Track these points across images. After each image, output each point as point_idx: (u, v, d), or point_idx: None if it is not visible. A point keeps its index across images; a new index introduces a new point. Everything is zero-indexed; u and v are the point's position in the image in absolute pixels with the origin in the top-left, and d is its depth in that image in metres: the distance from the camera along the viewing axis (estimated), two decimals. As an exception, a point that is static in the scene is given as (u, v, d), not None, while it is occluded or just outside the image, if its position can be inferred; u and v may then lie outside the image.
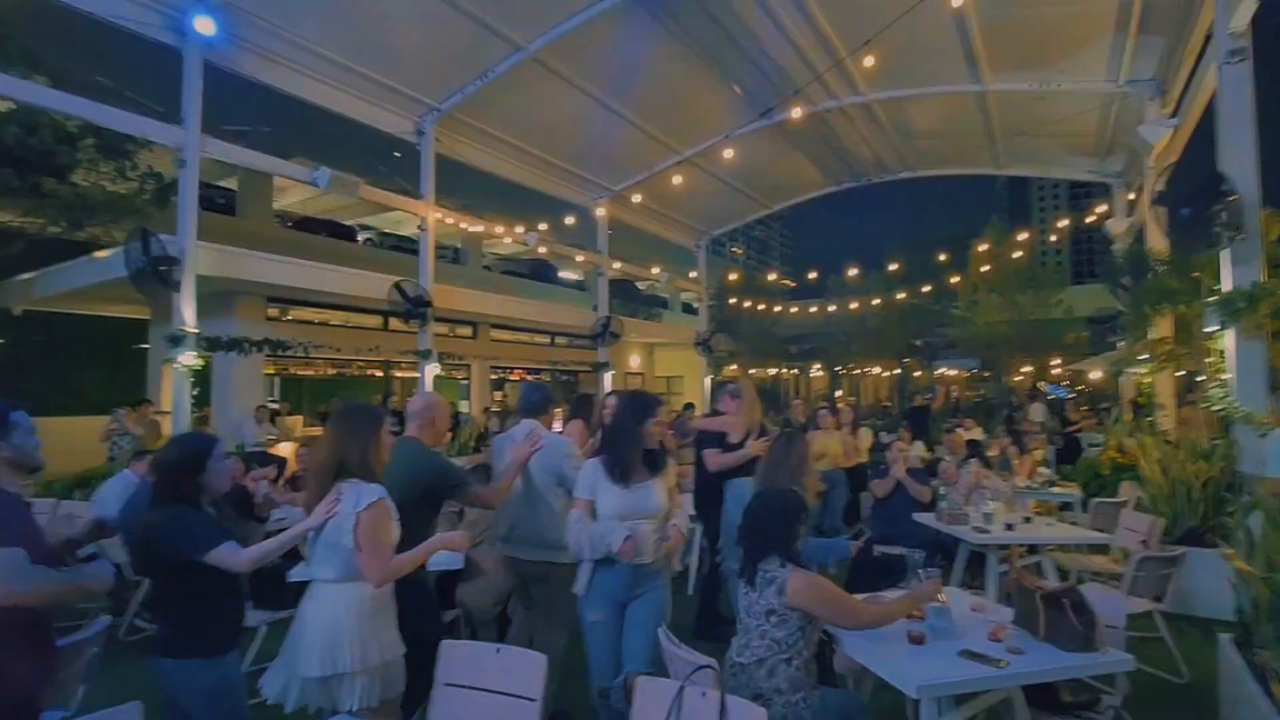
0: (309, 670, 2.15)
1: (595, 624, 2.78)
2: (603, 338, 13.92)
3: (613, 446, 2.89)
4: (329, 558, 2.27)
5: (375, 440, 2.38)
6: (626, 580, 2.76)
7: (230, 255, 8.59)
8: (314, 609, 2.27)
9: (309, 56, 8.29)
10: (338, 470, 2.31)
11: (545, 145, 11.65)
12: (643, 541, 2.71)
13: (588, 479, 2.88)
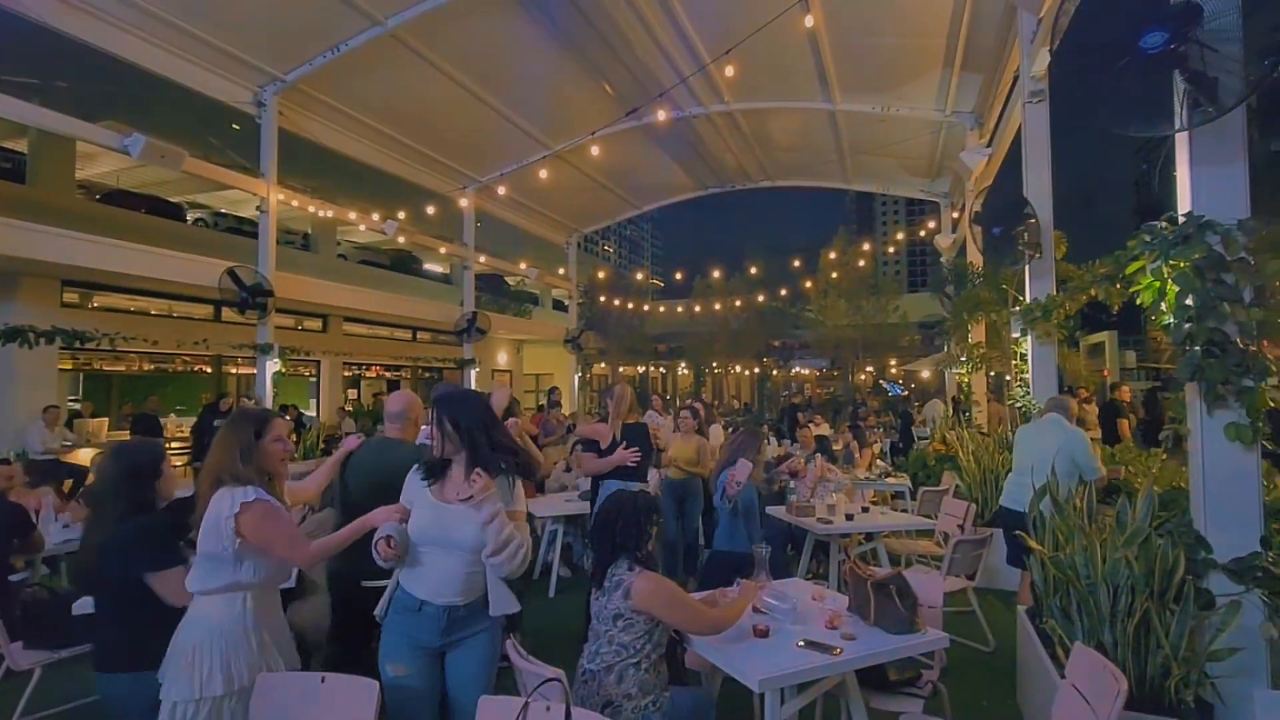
0: (181, 693, 2.02)
1: (398, 682, 2.17)
2: (468, 333, 13.42)
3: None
4: (204, 569, 2.14)
5: (255, 446, 2.24)
6: (435, 623, 2.18)
7: (12, 229, 7.30)
8: (188, 624, 2.13)
9: (123, 7, 7.23)
10: (216, 480, 2.19)
11: (406, 129, 11.02)
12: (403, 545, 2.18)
13: (412, 484, 2.33)
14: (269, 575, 2.22)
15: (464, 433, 2.22)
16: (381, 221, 11.49)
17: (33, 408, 8.56)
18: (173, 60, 8.00)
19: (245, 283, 8.74)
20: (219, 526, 2.09)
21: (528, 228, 15.70)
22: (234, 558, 2.10)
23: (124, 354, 10.53)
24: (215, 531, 2.10)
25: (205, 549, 2.12)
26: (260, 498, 2.14)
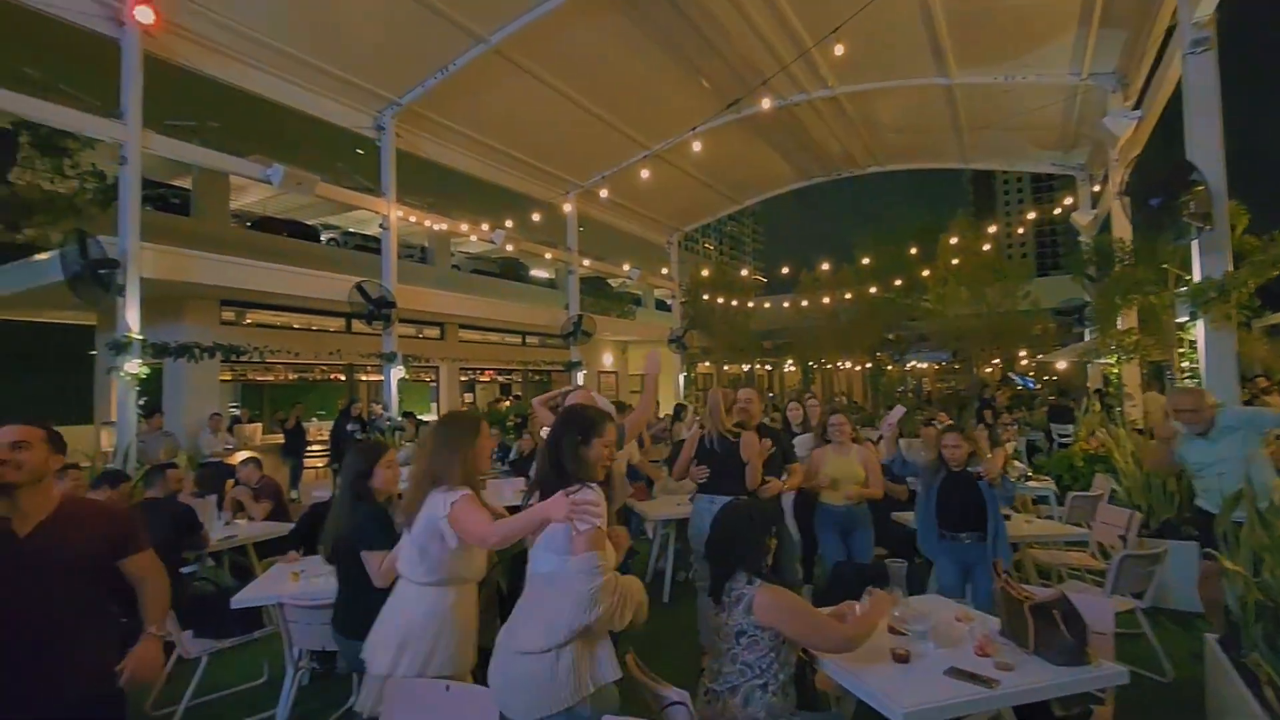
0: (378, 667, 2.21)
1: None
2: (574, 336, 13.69)
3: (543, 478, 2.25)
4: (417, 560, 2.33)
5: (471, 449, 2.37)
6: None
7: (178, 257, 8.19)
8: (394, 606, 2.37)
9: (259, 48, 7.94)
10: (433, 479, 2.34)
11: (510, 140, 11.38)
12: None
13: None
14: (473, 571, 2.44)
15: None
16: (490, 231, 11.94)
17: (200, 415, 9.58)
18: (303, 93, 8.69)
19: (371, 295, 9.35)
20: (436, 525, 2.26)
21: (629, 229, 15.82)
22: (449, 554, 2.30)
23: (272, 365, 11.57)
24: (432, 529, 2.27)
25: (421, 544, 2.30)
26: (466, 494, 2.31)
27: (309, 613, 3.11)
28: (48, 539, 1.91)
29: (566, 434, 2.22)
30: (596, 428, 2.23)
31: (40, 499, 1.94)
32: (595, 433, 2.22)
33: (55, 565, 1.91)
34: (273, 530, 5.26)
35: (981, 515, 3.52)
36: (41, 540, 1.90)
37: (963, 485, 3.57)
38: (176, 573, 4.31)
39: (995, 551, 3.37)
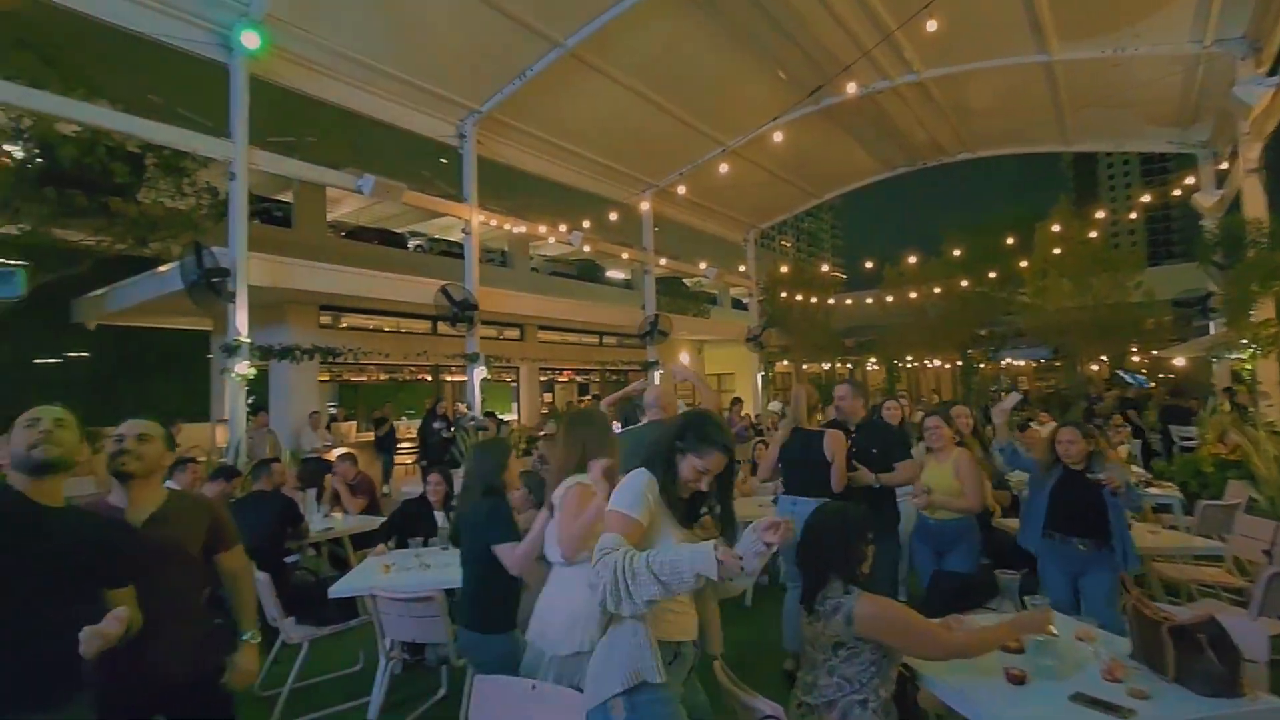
0: (560, 649, 2.27)
1: None
2: (651, 336, 13.69)
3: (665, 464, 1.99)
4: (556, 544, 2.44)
5: (603, 445, 2.48)
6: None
7: (281, 265, 8.72)
8: (558, 591, 2.43)
9: (350, 65, 8.34)
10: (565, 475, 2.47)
11: (586, 142, 11.50)
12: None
13: (640, 491, 1.94)
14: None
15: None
16: (568, 233, 12.10)
17: (301, 414, 10.19)
18: (391, 106, 9.07)
19: (455, 298, 9.66)
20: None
21: (705, 228, 15.69)
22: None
23: (365, 366, 12.18)
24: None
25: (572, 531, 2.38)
26: (580, 482, 2.37)
27: (399, 605, 3.20)
28: (160, 529, 2.03)
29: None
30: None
31: (151, 492, 2.07)
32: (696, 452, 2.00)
33: (165, 555, 2.03)
34: (367, 524, 5.49)
35: (1098, 521, 3.20)
36: (154, 530, 2.02)
37: (1079, 486, 3.26)
38: (280, 562, 4.56)
39: (1124, 564, 3.05)
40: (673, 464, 1.98)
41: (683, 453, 1.96)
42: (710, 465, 1.93)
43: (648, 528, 1.90)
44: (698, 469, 1.93)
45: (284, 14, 7.40)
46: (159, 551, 2.03)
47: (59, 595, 1.73)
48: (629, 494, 1.94)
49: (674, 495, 1.98)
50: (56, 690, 1.71)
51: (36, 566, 1.70)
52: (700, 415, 2.05)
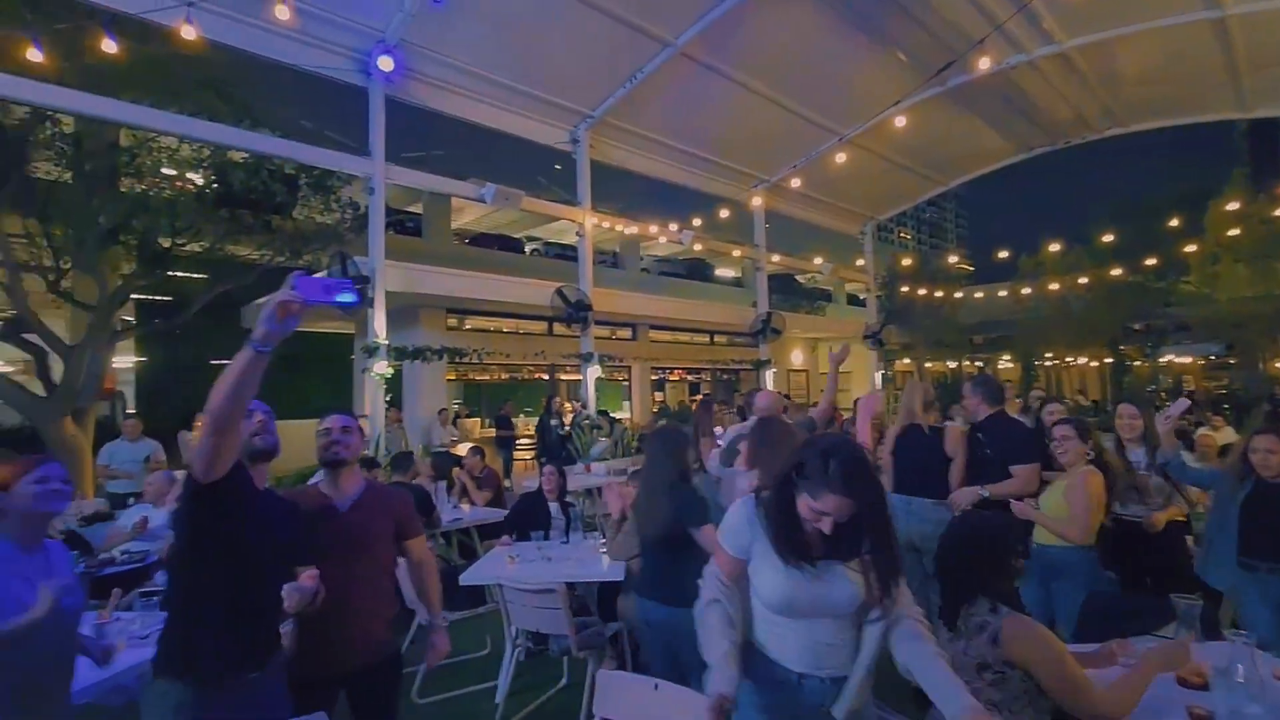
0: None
1: None
2: (763, 334, 13.45)
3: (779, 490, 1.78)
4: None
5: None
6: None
7: (413, 272, 9.37)
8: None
9: (472, 79, 8.80)
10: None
11: (696, 140, 11.46)
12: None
13: (740, 525, 1.84)
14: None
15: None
16: (679, 232, 12.13)
17: (430, 411, 10.90)
18: (509, 117, 9.47)
19: (570, 299, 9.96)
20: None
21: (819, 221, 15.19)
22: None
23: (487, 365, 12.85)
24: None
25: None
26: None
27: (524, 595, 3.33)
28: (360, 515, 2.24)
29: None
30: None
31: (352, 480, 2.29)
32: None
33: (366, 537, 2.24)
34: (492, 516, 5.78)
35: None
36: (355, 516, 2.24)
37: (1277, 502, 2.83)
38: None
39: None
40: (787, 497, 1.74)
41: (798, 488, 1.71)
42: (829, 509, 1.65)
43: (748, 561, 1.83)
44: (815, 509, 1.67)
45: (414, 37, 7.93)
46: (362, 534, 2.24)
47: (280, 570, 1.97)
48: (725, 526, 1.89)
49: (787, 528, 1.73)
50: (270, 653, 1.95)
51: (270, 545, 1.94)
52: (826, 448, 1.70)
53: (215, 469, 1.74)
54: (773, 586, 1.76)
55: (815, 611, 1.76)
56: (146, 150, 8.11)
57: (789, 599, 1.74)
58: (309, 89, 8.39)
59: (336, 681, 2.21)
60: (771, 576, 1.76)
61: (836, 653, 1.78)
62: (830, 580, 1.73)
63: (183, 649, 1.80)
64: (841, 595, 1.74)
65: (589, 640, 3.40)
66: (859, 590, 1.73)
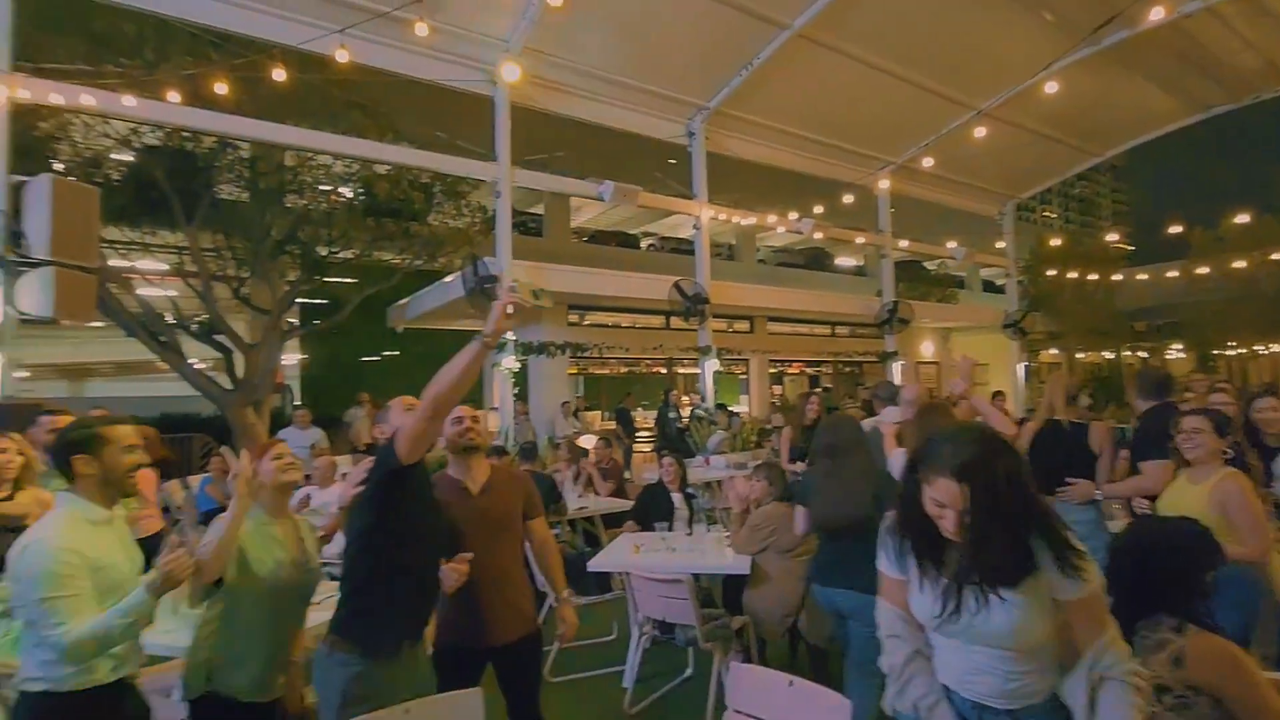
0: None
1: None
2: (889, 324, 12.78)
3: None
4: None
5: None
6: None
7: (537, 269, 9.77)
8: None
9: (590, 80, 9.02)
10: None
11: (816, 125, 11.07)
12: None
13: (886, 537, 1.65)
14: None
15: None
16: (798, 221, 11.80)
17: (553, 403, 11.35)
18: (625, 114, 9.61)
19: (687, 293, 9.98)
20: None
21: (952, 203, 14.20)
22: None
23: (607, 359, 13.17)
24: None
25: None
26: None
27: (651, 584, 3.38)
28: (491, 498, 2.40)
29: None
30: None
31: (482, 465, 2.45)
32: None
33: (497, 519, 2.40)
34: (615, 505, 5.92)
35: None
36: (486, 499, 2.39)
37: None
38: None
39: None
40: (912, 491, 1.53)
41: (919, 481, 1.50)
42: (941, 496, 1.44)
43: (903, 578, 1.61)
44: (933, 499, 1.46)
45: (535, 44, 8.24)
46: (495, 515, 2.40)
47: (440, 550, 2.18)
48: (880, 544, 1.65)
49: (921, 538, 1.54)
50: (425, 626, 2.16)
51: (439, 526, 2.15)
52: (951, 430, 1.57)
53: (417, 452, 1.91)
54: (921, 604, 1.57)
55: (971, 637, 1.52)
56: (308, 169, 9.02)
57: (935, 616, 1.53)
58: (441, 101, 8.94)
59: (482, 655, 2.35)
60: (917, 593, 1.58)
61: (1018, 681, 1.52)
62: (987, 603, 1.48)
63: (366, 621, 1.96)
64: (999, 624, 1.46)
65: (715, 632, 3.39)
66: (1022, 621, 1.45)
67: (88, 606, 1.71)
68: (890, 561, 1.63)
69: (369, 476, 1.99)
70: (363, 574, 2.01)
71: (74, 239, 5.45)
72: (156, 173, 7.93)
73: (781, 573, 3.53)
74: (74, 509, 1.83)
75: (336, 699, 1.90)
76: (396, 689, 1.94)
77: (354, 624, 1.96)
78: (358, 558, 2.02)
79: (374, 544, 1.99)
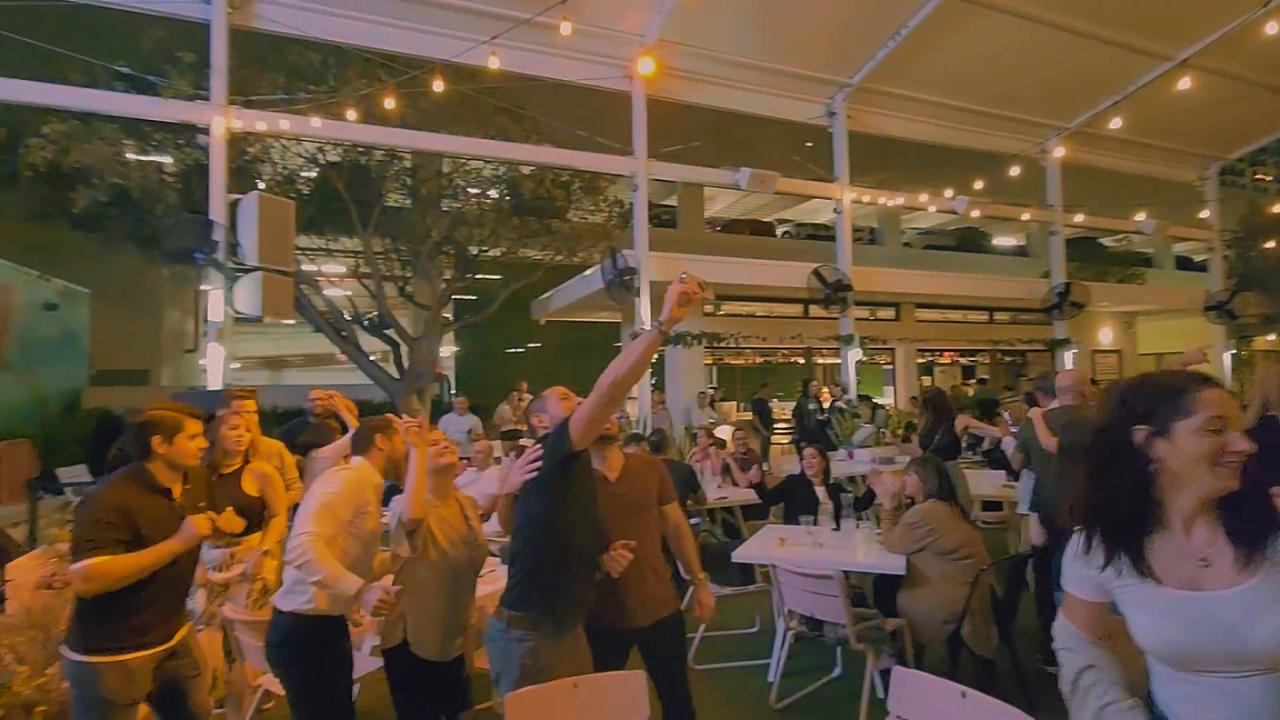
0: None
1: None
2: (1059, 309, 11.50)
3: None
4: None
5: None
6: None
7: (673, 261, 9.82)
8: None
9: (726, 67, 8.90)
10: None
11: (972, 94, 10.18)
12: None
13: (1076, 554, 1.33)
14: None
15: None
16: (952, 200, 10.92)
17: (690, 394, 11.38)
18: (761, 98, 9.39)
19: (827, 280, 9.59)
20: None
21: (1138, 169, 12.50)
22: None
23: (742, 350, 13.00)
24: None
25: None
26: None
27: (800, 579, 3.28)
28: (628, 485, 2.45)
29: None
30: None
31: (617, 454, 2.50)
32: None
33: (634, 505, 2.44)
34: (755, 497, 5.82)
35: None
36: (624, 486, 2.44)
37: None
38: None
39: None
40: (1136, 466, 1.23)
41: (1157, 435, 1.21)
42: (1218, 408, 1.17)
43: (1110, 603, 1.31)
44: (1211, 419, 1.17)
45: (670, 34, 8.25)
46: (634, 501, 2.45)
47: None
48: (1066, 564, 1.37)
49: (1146, 518, 1.24)
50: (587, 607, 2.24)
51: (596, 510, 2.25)
52: (1164, 373, 1.30)
53: (589, 437, 2.00)
54: (1151, 628, 1.23)
55: (1229, 658, 1.16)
56: (461, 173, 9.70)
57: (1178, 644, 1.20)
58: (578, 99, 9.22)
59: (626, 637, 2.40)
60: (1145, 614, 1.24)
61: None
62: (1242, 604, 1.15)
63: (543, 600, 2.06)
64: (1266, 631, 1.13)
65: (868, 633, 3.24)
66: None
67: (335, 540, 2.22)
68: (1085, 582, 1.34)
69: (543, 463, 2.07)
70: (539, 555, 2.09)
71: (275, 247, 6.26)
72: (338, 185, 8.89)
73: (942, 576, 3.30)
74: (363, 473, 2.40)
75: (516, 672, 2.01)
76: (565, 664, 2.03)
77: (531, 602, 2.06)
78: (533, 539, 2.11)
79: (550, 527, 2.08)
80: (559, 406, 2.30)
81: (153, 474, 2.19)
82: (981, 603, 3.22)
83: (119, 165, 7.34)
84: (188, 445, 2.21)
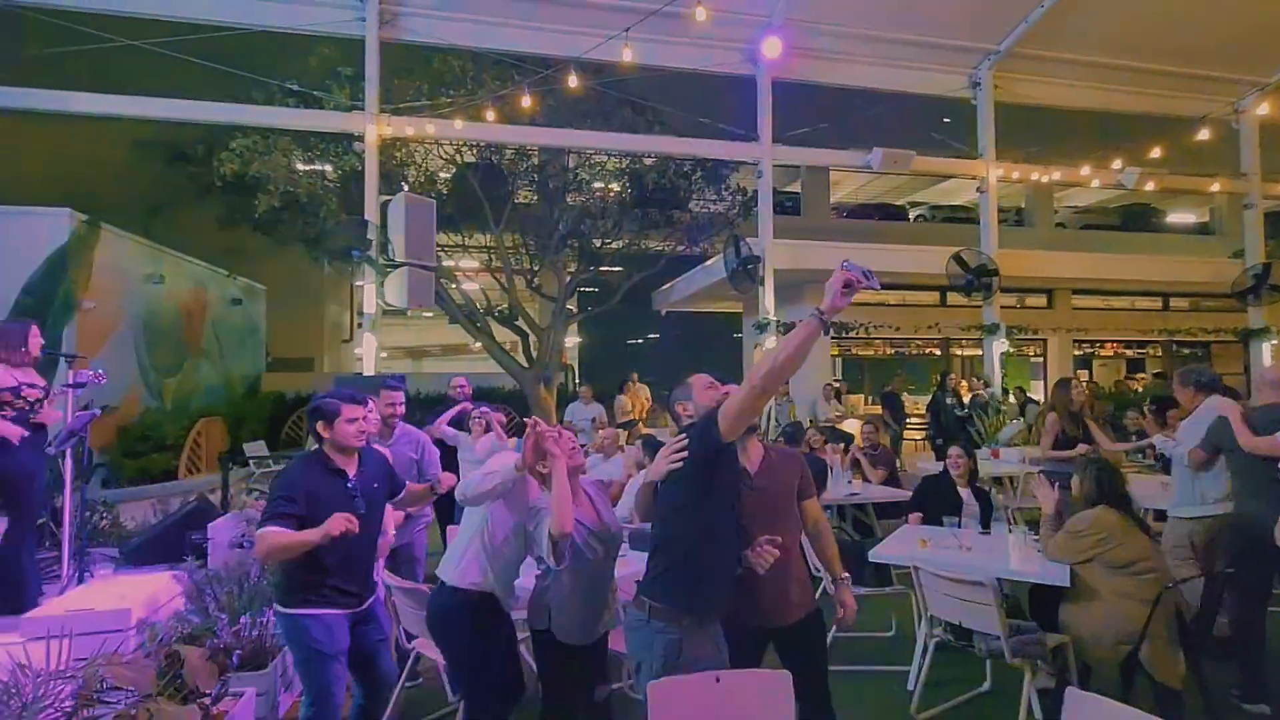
0: None
1: None
2: (1256, 294, 9.94)
3: None
4: None
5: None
6: None
7: (798, 248, 9.53)
8: None
9: (857, 42, 8.47)
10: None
11: (1142, 52, 9.01)
12: None
13: None
14: None
15: None
16: (1120, 172, 9.75)
17: (815, 386, 11.00)
18: (896, 73, 8.84)
19: (969, 265, 8.89)
20: None
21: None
22: None
23: (871, 340, 12.39)
24: None
25: None
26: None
27: (946, 584, 3.07)
28: (769, 478, 2.38)
29: None
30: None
31: (757, 445, 2.44)
32: None
33: (775, 499, 2.38)
34: (888, 494, 5.54)
35: None
36: (765, 479, 2.38)
37: None
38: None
39: None
40: None
41: None
42: None
43: None
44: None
45: (795, 13, 7.95)
46: (773, 496, 2.38)
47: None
48: None
49: None
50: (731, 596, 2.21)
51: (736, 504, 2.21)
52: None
53: (738, 429, 1.94)
54: None
55: None
56: (585, 167, 9.94)
57: None
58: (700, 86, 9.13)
59: (764, 635, 2.34)
60: None
61: None
62: None
63: (689, 591, 2.05)
64: None
65: (1026, 648, 2.96)
66: None
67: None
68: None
69: (690, 454, 2.03)
70: (685, 547, 2.07)
71: (419, 244, 6.73)
72: (474, 183, 9.40)
73: (1114, 591, 2.95)
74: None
75: (657, 663, 2.01)
76: (706, 658, 2.02)
77: (676, 593, 2.05)
78: (677, 531, 2.09)
79: (694, 519, 2.05)
80: (705, 395, 2.23)
81: (328, 456, 2.42)
82: (1165, 625, 2.85)
83: (290, 174, 8.20)
84: (347, 429, 2.41)
